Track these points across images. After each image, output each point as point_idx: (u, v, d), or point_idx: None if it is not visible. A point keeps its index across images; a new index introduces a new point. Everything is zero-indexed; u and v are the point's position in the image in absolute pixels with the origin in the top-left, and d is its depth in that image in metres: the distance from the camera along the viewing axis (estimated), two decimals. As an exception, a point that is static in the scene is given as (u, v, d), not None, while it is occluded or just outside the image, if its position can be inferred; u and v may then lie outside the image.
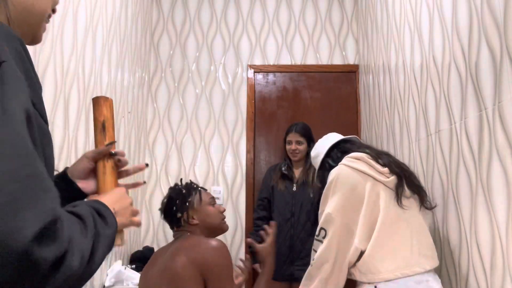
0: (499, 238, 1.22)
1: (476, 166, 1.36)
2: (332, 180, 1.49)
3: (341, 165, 1.52)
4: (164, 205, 1.62)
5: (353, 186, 1.45)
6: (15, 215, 0.41)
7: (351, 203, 1.43)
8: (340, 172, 1.49)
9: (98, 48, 2.14)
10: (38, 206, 0.43)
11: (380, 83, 2.59)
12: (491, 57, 1.26)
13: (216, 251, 1.39)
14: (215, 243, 1.41)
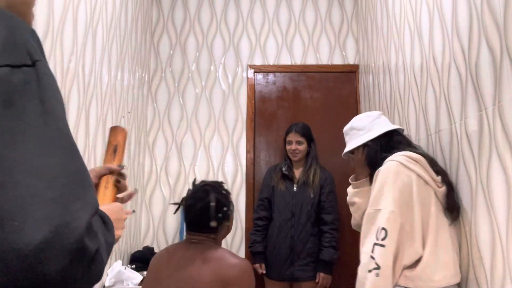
0: (499, 238, 1.22)
1: (476, 166, 1.35)
2: (388, 176, 1.38)
3: (397, 163, 1.40)
4: (202, 208, 1.47)
5: (410, 187, 1.37)
6: (67, 208, 0.43)
7: (407, 203, 1.36)
8: (398, 170, 1.39)
9: (98, 48, 2.14)
10: (86, 199, 0.46)
11: (380, 83, 2.59)
12: (491, 57, 1.26)
13: (244, 272, 1.36)
14: (244, 264, 1.38)
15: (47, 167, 0.44)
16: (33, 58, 0.49)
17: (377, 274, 1.29)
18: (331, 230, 2.49)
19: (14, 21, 0.51)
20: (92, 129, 2.05)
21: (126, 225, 0.84)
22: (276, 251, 2.51)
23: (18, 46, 0.49)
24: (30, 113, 0.45)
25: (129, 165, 2.73)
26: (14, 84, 0.46)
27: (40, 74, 0.49)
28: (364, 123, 1.63)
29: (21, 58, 0.48)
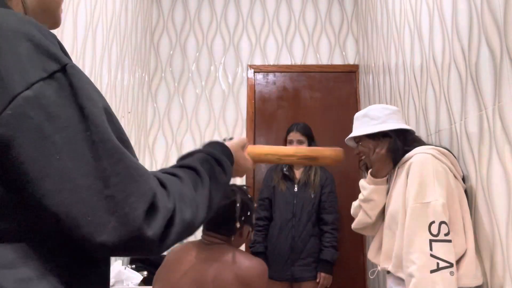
0: (499, 238, 1.22)
1: (476, 166, 1.35)
2: (427, 168, 1.32)
3: (431, 155, 1.35)
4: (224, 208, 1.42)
5: (448, 180, 1.32)
6: (123, 205, 0.48)
7: (449, 196, 1.30)
8: (434, 162, 1.33)
9: (98, 48, 2.14)
10: (140, 191, 0.50)
11: (380, 83, 2.59)
12: (491, 57, 1.26)
13: (262, 273, 1.35)
14: (262, 267, 1.37)
15: (98, 169, 0.48)
16: (61, 62, 0.50)
17: (452, 273, 1.18)
18: (331, 230, 2.49)
19: (33, 29, 0.51)
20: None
21: None
22: (276, 251, 2.51)
23: (46, 55, 0.49)
24: (71, 122, 0.48)
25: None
26: (51, 97, 0.48)
27: (71, 77, 0.50)
28: (380, 114, 1.55)
29: (51, 66, 0.49)
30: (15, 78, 0.46)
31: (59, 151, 0.47)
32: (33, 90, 0.47)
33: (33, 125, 0.46)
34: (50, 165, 0.47)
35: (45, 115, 0.47)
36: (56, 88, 0.48)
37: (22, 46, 0.49)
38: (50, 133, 0.47)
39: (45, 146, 0.46)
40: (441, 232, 1.21)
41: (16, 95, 0.46)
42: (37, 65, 0.48)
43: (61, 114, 0.48)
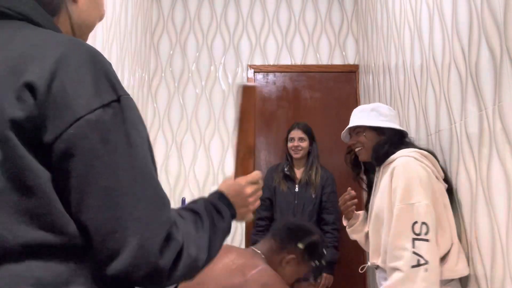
0: (499, 238, 1.22)
1: (476, 166, 1.36)
2: (411, 170, 1.40)
3: (413, 158, 1.44)
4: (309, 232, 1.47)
5: (430, 181, 1.40)
6: (148, 227, 0.53)
7: (433, 195, 1.39)
8: (417, 165, 1.42)
9: (98, 48, 2.14)
10: (162, 219, 0.55)
11: (380, 83, 2.59)
12: (491, 57, 1.26)
13: None
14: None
15: (133, 192, 0.54)
16: (118, 93, 0.57)
17: (426, 270, 1.28)
18: (332, 230, 2.49)
19: (95, 55, 0.59)
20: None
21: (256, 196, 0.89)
22: None
23: (106, 84, 0.56)
24: (119, 147, 0.54)
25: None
26: (107, 122, 0.54)
27: (124, 108, 0.56)
28: (388, 112, 1.64)
29: (110, 96, 0.55)
30: (81, 102, 0.53)
31: (105, 171, 0.53)
32: (95, 114, 0.53)
33: (89, 145, 0.52)
34: (96, 182, 0.52)
35: (100, 138, 0.53)
36: (111, 115, 0.54)
37: (89, 73, 0.55)
38: (102, 154, 0.53)
39: (95, 165, 0.52)
40: (422, 232, 1.31)
41: (80, 117, 0.52)
42: (101, 95, 0.55)
43: (112, 140, 0.54)
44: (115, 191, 0.53)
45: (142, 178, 0.55)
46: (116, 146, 0.54)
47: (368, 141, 1.61)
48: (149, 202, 0.55)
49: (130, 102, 0.58)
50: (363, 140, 1.62)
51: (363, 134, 1.62)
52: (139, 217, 0.53)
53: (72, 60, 0.55)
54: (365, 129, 1.62)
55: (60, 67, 0.53)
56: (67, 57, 0.55)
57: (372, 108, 1.64)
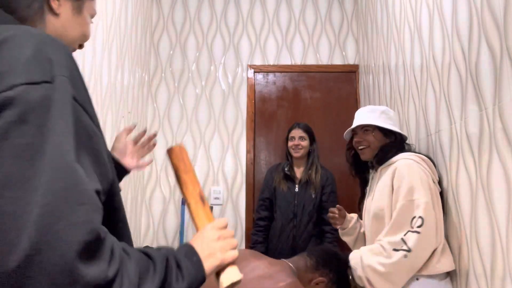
0: (499, 238, 1.22)
1: (476, 166, 1.35)
2: (413, 171, 1.49)
3: (413, 161, 1.54)
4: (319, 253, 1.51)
5: (428, 183, 1.49)
6: (51, 228, 0.43)
7: (432, 196, 1.47)
8: (418, 167, 1.51)
9: (98, 48, 2.14)
10: (71, 219, 0.45)
11: (380, 83, 2.59)
12: (491, 57, 1.26)
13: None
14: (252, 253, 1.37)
15: (34, 185, 0.45)
16: (53, 73, 0.51)
17: (405, 256, 1.38)
18: (332, 230, 2.49)
19: (45, 39, 0.54)
20: (92, 129, 2.05)
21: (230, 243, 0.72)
22: (278, 251, 2.51)
23: (41, 63, 0.50)
24: (34, 131, 0.47)
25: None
26: (29, 102, 0.47)
27: (56, 89, 0.50)
28: (395, 117, 1.75)
29: (42, 75, 0.50)
30: (4, 78, 0.48)
31: (8, 155, 0.45)
32: (14, 91, 0.47)
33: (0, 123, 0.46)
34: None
35: (15, 117, 0.46)
36: (40, 96, 0.48)
37: (28, 52, 0.50)
38: (11, 135, 0.46)
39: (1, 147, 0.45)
40: (415, 224, 1.40)
41: None
42: (28, 72, 0.49)
43: (31, 122, 0.47)
44: (14, 180, 0.44)
45: (51, 169, 0.46)
46: (30, 129, 0.47)
47: (375, 141, 1.68)
48: (56, 196, 0.45)
49: (64, 85, 0.51)
50: (371, 139, 1.68)
51: (372, 133, 1.68)
52: (38, 215, 0.43)
53: (19, 39, 0.52)
54: (374, 129, 1.68)
55: (3, 43, 0.51)
56: (15, 36, 0.52)
57: (382, 111, 1.70)
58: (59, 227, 0.44)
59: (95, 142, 0.55)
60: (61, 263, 0.42)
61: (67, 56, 0.55)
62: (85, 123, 0.54)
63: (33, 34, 0.54)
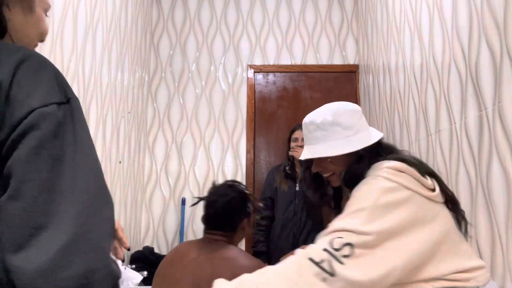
0: (499, 238, 1.22)
1: (476, 166, 1.36)
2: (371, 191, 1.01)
3: (381, 178, 1.03)
4: (225, 204, 1.41)
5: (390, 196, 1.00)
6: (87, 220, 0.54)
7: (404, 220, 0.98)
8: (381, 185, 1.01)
9: (98, 48, 2.14)
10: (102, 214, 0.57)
11: (380, 83, 2.59)
12: (491, 57, 1.26)
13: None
14: (257, 265, 1.35)
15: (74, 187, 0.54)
16: (67, 95, 0.60)
17: (324, 279, 0.86)
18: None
19: (45, 61, 0.62)
20: (92, 129, 2.05)
21: None
22: (279, 250, 2.51)
23: (58, 87, 0.60)
24: (67, 143, 0.56)
25: (129, 165, 2.73)
26: (59, 118, 0.57)
27: (73, 109, 0.60)
28: (353, 120, 1.18)
29: (62, 97, 0.59)
30: (37, 97, 0.56)
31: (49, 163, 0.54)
32: (49, 108, 0.56)
33: (39, 134, 0.54)
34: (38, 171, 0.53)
35: (51, 130, 0.55)
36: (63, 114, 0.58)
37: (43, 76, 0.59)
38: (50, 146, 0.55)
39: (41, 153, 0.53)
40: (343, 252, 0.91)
41: (35, 109, 0.55)
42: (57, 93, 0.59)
43: (62, 134, 0.57)
44: (55, 185, 0.53)
45: (85, 173, 0.56)
46: (64, 141, 0.56)
47: (338, 166, 1.20)
48: (92, 196, 0.55)
49: (78, 104, 0.62)
50: (330, 168, 1.22)
51: (328, 160, 1.20)
52: (77, 211, 0.52)
53: (28, 64, 0.59)
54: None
55: (18, 71, 0.57)
56: (23, 62, 0.59)
57: (332, 122, 1.17)
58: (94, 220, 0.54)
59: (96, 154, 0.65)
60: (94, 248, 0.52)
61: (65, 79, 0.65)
62: None
63: (41, 57, 0.62)
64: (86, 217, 0.53)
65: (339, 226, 0.95)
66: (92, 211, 0.54)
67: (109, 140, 2.32)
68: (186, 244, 1.50)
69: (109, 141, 2.32)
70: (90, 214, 0.53)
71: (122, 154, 2.57)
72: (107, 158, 2.28)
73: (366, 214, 0.95)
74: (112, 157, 2.37)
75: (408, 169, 1.04)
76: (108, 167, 2.30)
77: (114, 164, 2.40)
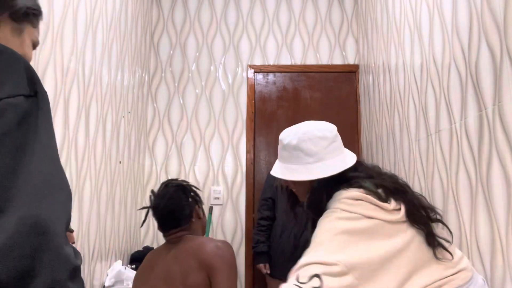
0: (499, 238, 1.22)
1: (476, 166, 1.36)
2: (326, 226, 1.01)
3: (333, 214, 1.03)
4: (170, 200, 1.46)
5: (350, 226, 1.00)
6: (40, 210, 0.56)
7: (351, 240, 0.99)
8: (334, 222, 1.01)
9: (98, 48, 2.14)
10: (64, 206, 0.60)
11: (380, 83, 2.59)
12: (491, 57, 1.26)
13: (223, 251, 1.37)
14: (221, 244, 1.39)
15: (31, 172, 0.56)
16: (35, 89, 0.63)
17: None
18: None
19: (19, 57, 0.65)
20: (92, 129, 2.05)
21: None
22: (279, 250, 2.51)
23: (31, 80, 0.63)
24: (30, 133, 0.59)
25: (129, 165, 2.73)
26: (25, 109, 0.60)
27: (39, 102, 0.63)
28: (317, 147, 1.18)
29: (31, 90, 0.62)
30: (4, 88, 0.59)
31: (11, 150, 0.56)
32: (16, 99, 0.59)
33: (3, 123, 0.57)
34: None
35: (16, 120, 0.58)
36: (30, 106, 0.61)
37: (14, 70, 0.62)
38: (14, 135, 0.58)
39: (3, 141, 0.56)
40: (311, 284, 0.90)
41: (1, 99, 0.58)
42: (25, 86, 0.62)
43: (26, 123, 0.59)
44: (15, 171, 0.55)
45: (45, 161, 0.59)
46: (28, 131, 0.59)
47: (299, 187, 1.28)
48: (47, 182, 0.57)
49: (45, 98, 0.65)
50: (292, 186, 1.32)
51: (291, 182, 1.27)
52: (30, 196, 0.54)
53: (12, 54, 0.64)
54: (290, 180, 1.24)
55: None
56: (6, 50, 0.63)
57: (295, 146, 1.21)
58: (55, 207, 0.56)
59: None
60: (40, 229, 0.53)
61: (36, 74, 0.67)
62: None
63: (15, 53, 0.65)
64: (39, 201, 0.54)
65: (304, 261, 0.95)
66: (45, 195, 0.56)
67: (109, 140, 2.32)
68: (155, 251, 1.55)
69: (109, 141, 2.32)
70: (43, 197, 0.55)
71: (122, 154, 2.57)
72: (107, 158, 2.28)
73: (328, 246, 0.94)
74: (112, 157, 2.37)
75: (365, 197, 1.02)
76: (108, 167, 2.30)
77: (114, 164, 2.40)
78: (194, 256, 1.37)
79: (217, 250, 1.37)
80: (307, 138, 1.21)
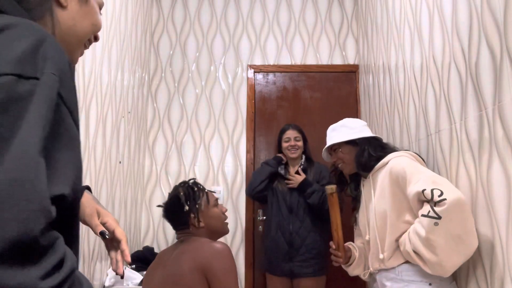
0: (499, 238, 1.22)
1: (476, 166, 1.35)
2: (408, 165, 1.50)
3: (405, 157, 1.57)
4: (171, 205, 1.58)
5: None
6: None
7: None
8: (409, 161, 1.53)
9: (98, 48, 2.14)
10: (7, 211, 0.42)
11: (380, 83, 2.59)
12: (491, 57, 1.26)
13: (220, 254, 1.38)
14: (219, 246, 1.40)
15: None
16: (42, 71, 0.50)
17: (436, 224, 1.30)
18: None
19: (46, 37, 0.53)
20: (92, 129, 2.05)
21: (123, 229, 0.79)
22: (275, 247, 2.52)
23: (35, 59, 0.50)
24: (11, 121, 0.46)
25: (129, 165, 2.73)
26: (14, 92, 0.47)
27: (40, 85, 0.49)
28: (356, 124, 1.78)
29: (33, 71, 0.49)
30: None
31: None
32: (2, 78, 0.47)
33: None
34: None
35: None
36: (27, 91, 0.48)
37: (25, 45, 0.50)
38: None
39: None
40: (434, 195, 1.33)
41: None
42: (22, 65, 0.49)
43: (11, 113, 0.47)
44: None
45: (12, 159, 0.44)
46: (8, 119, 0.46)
47: (346, 155, 1.75)
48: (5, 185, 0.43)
49: (52, 81, 0.51)
50: (341, 156, 1.77)
51: (339, 150, 1.77)
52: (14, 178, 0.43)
53: (20, 29, 0.52)
54: (340, 145, 1.77)
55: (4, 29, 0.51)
56: (18, 25, 0.52)
57: (342, 125, 1.80)
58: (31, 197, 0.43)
59: (77, 146, 0.54)
60: None
61: (63, 58, 0.54)
62: (69, 124, 0.53)
63: (35, 29, 0.53)
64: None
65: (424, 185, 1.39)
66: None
67: (109, 140, 2.32)
68: (165, 249, 1.61)
69: (109, 141, 2.32)
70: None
71: (122, 154, 2.57)
72: (107, 158, 2.28)
73: (425, 171, 1.48)
74: (112, 157, 2.37)
75: (419, 158, 1.62)
76: (108, 167, 2.30)
77: (114, 164, 2.40)
78: (191, 257, 1.39)
79: (214, 253, 1.38)
80: (347, 121, 1.81)
